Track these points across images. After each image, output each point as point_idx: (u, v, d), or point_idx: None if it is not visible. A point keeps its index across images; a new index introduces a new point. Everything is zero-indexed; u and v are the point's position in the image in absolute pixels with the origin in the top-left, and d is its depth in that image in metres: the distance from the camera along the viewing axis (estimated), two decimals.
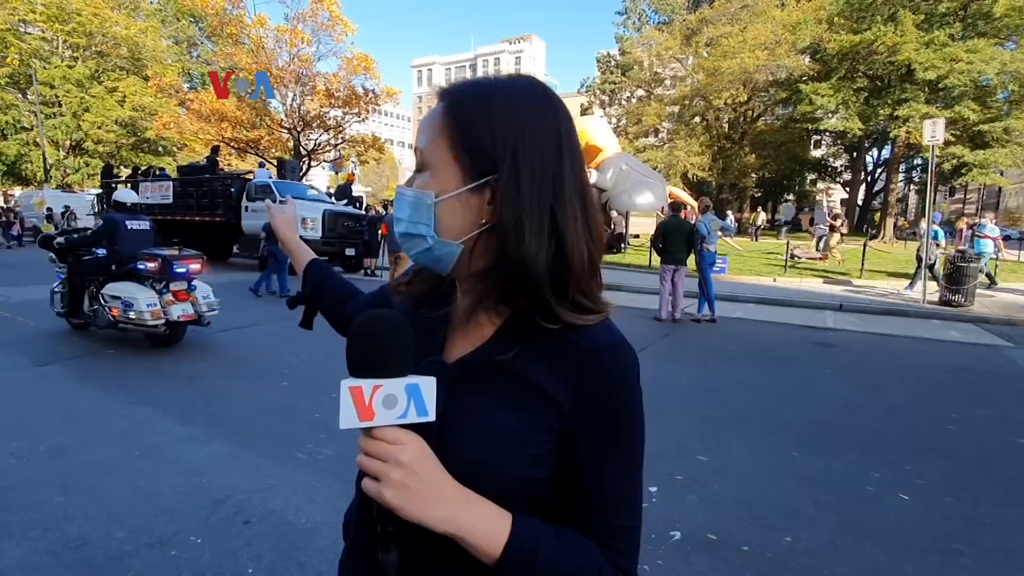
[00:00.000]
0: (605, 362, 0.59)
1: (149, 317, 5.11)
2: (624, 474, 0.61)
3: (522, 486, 0.59)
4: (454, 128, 0.59)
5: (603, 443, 0.59)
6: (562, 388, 0.58)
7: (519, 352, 0.59)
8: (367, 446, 0.52)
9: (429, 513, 0.51)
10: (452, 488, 0.54)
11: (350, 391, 0.50)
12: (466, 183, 0.59)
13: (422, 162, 0.62)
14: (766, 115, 35.06)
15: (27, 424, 3.57)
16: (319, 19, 23.85)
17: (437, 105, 0.62)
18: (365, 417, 0.50)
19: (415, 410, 0.52)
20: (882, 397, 4.66)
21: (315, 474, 2.97)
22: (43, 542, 2.32)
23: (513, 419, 0.58)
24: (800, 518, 2.59)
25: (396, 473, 0.51)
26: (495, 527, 0.54)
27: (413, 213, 0.61)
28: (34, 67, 30.96)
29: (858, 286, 11.34)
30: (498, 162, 0.57)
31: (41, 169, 31.65)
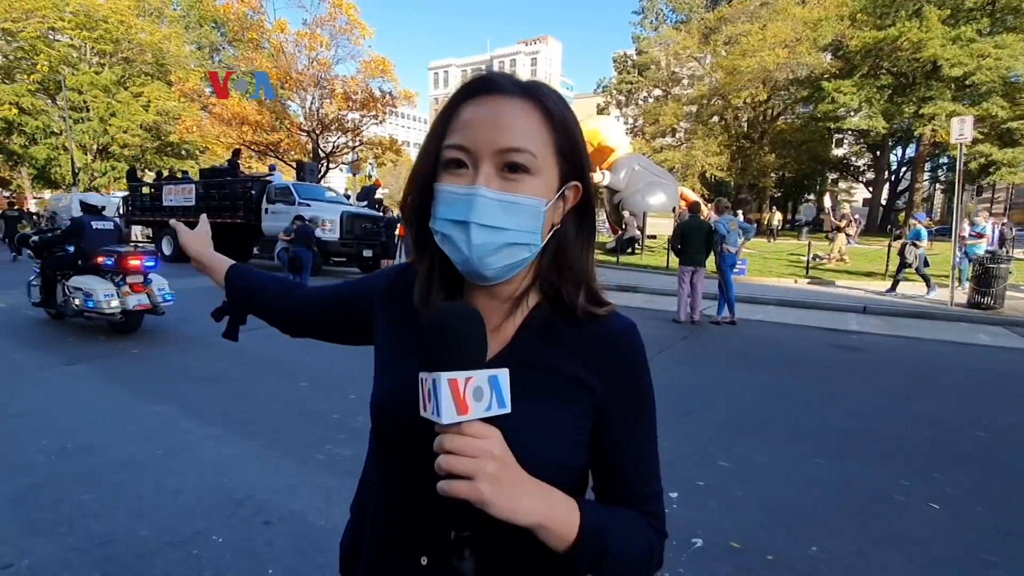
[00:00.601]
0: (625, 346, 0.64)
1: (106, 307, 5.66)
2: (650, 445, 0.66)
3: (569, 473, 0.61)
4: (555, 132, 0.59)
5: (632, 421, 0.65)
6: (593, 375, 0.62)
7: (546, 347, 0.63)
8: (454, 443, 0.49)
9: (518, 505, 0.51)
10: (531, 480, 0.54)
11: (449, 384, 0.48)
12: (559, 188, 0.61)
13: (529, 166, 0.57)
14: (786, 114, 34.55)
15: (56, 422, 3.66)
16: (337, 23, 24.14)
17: (519, 100, 0.58)
18: (462, 411, 0.49)
19: (496, 402, 0.51)
20: (909, 403, 4.54)
21: (334, 475, 2.98)
22: (70, 539, 2.37)
23: (555, 410, 0.61)
24: (826, 527, 2.53)
25: (491, 466, 0.49)
26: (569, 512, 0.56)
27: (523, 222, 0.58)
28: (63, 74, 31.87)
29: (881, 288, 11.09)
30: (584, 166, 0.62)
31: (70, 173, 32.51)
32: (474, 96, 0.59)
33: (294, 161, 22.70)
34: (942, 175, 36.48)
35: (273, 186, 13.33)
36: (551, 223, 0.62)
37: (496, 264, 0.58)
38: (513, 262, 0.59)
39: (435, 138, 0.61)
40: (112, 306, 5.68)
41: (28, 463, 3.06)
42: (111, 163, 34.99)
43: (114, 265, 5.87)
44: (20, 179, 36.66)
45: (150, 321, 7.09)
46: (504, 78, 0.60)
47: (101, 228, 6.22)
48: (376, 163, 28.29)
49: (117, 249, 5.98)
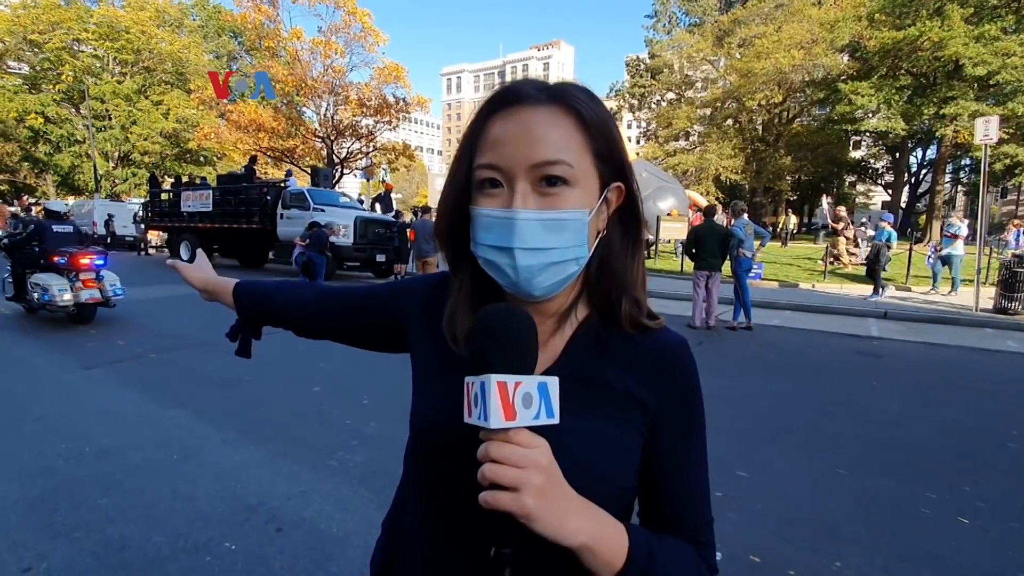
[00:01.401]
0: (678, 362, 0.62)
1: (59, 300, 6.33)
2: (700, 469, 0.63)
3: (620, 495, 0.58)
4: (591, 137, 0.56)
5: (683, 441, 0.61)
6: (645, 391, 0.60)
7: (596, 361, 0.60)
8: (501, 451, 0.46)
9: (565, 524, 0.47)
10: (578, 497, 0.50)
11: (497, 386, 0.45)
12: (600, 194, 0.58)
13: (568, 177, 0.54)
14: (802, 116, 34.12)
15: (75, 426, 3.70)
16: (352, 30, 24.42)
17: (549, 108, 0.55)
18: (509, 416, 0.46)
19: (545, 411, 0.48)
20: (934, 411, 4.41)
21: (346, 482, 2.97)
22: (86, 543, 2.38)
23: (607, 426, 0.58)
24: (850, 541, 2.45)
25: (538, 479, 0.46)
26: (618, 536, 0.52)
27: (569, 238, 0.55)
28: (86, 83, 32.68)
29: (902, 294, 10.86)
30: (625, 165, 0.59)
31: (92, 180, 33.27)
32: (501, 109, 0.56)
33: (309, 167, 22.98)
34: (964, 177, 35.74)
35: (288, 192, 13.47)
36: (596, 231, 0.59)
37: (545, 283, 0.56)
38: (562, 278, 0.57)
39: (464, 158, 0.58)
40: (65, 299, 6.37)
41: (47, 467, 3.09)
42: (132, 170, 35.76)
43: (66, 263, 6.57)
44: (45, 186, 37.60)
45: (167, 326, 7.19)
46: (530, 85, 0.56)
47: (61, 231, 6.95)
48: (390, 168, 28.52)
49: (70, 249, 6.66)
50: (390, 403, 4.16)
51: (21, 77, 33.71)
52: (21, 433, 3.57)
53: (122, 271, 15.20)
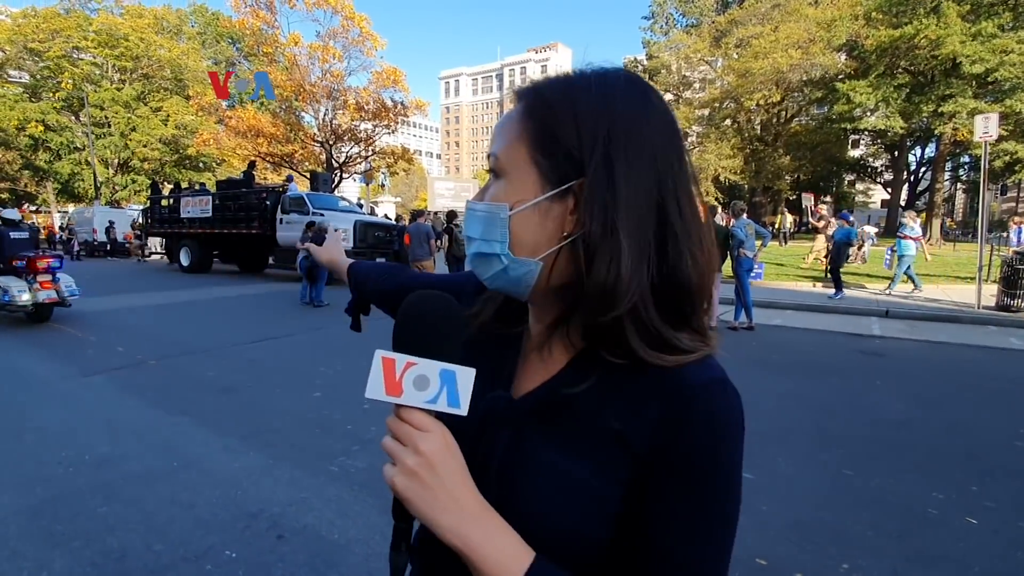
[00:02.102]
0: (696, 405, 0.48)
1: (19, 300, 6.84)
2: (695, 547, 0.47)
3: (584, 545, 0.50)
4: (533, 126, 0.51)
5: (671, 499, 0.48)
6: (639, 431, 0.49)
7: (594, 387, 0.51)
8: (392, 425, 0.48)
9: (438, 516, 0.45)
10: (472, 500, 0.47)
11: (382, 360, 0.47)
12: (545, 190, 0.51)
13: (496, 168, 0.54)
14: (800, 115, 34.18)
15: (75, 434, 3.68)
16: (350, 35, 24.49)
17: (515, 105, 0.55)
18: (392, 392, 0.47)
19: (446, 398, 0.47)
20: (940, 411, 4.38)
21: (348, 488, 2.95)
22: (86, 552, 2.36)
23: (584, 469, 0.50)
24: (858, 543, 2.42)
25: (411, 460, 0.46)
26: (511, 560, 0.45)
27: (486, 230, 0.53)
28: (86, 91, 32.73)
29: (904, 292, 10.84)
30: (584, 162, 0.49)
31: (92, 187, 33.29)
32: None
33: (308, 171, 23.00)
34: (963, 174, 35.77)
35: (287, 196, 13.46)
36: (557, 231, 0.51)
37: (483, 275, 0.55)
38: (493, 272, 0.54)
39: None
40: (24, 299, 6.88)
41: (47, 476, 3.07)
42: (131, 176, 35.81)
43: (24, 266, 7.11)
44: (45, 193, 37.64)
45: (167, 332, 7.17)
46: (523, 86, 0.55)
47: (18, 237, 7.55)
48: (389, 172, 28.55)
49: (28, 253, 7.24)
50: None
51: (22, 86, 33.80)
52: (20, 441, 3.55)
53: (120, 277, 15.19)
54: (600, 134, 0.49)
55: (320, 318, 8.35)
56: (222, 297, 10.75)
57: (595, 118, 0.49)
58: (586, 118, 0.49)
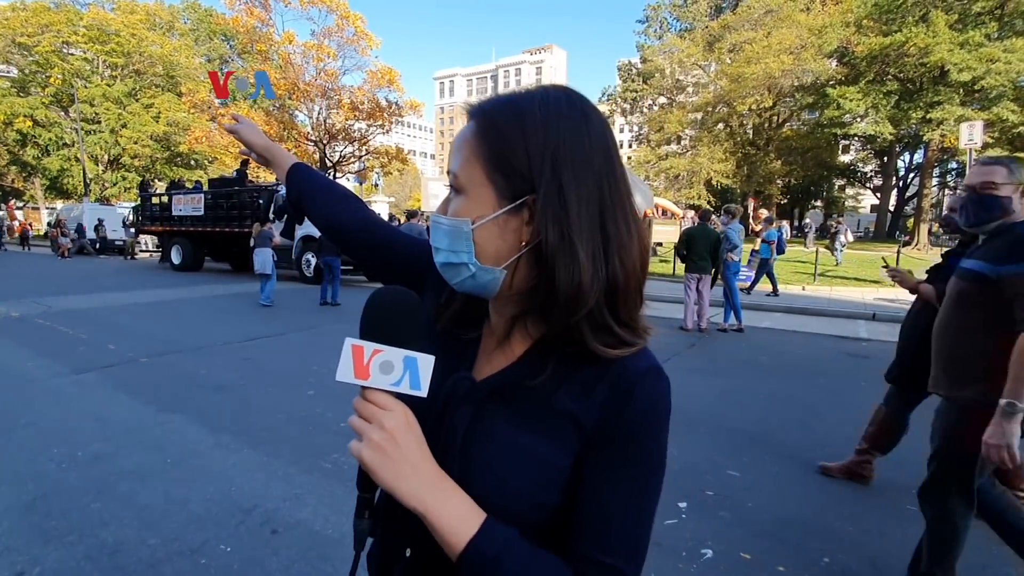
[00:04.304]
0: (636, 388, 0.56)
1: None
2: (626, 507, 0.55)
3: (539, 512, 0.57)
4: (485, 147, 0.56)
5: (610, 467, 0.55)
6: (588, 412, 0.56)
7: (548, 373, 0.57)
8: (358, 406, 0.54)
9: (400, 483, 0.52)
10: (429, 469, 0.54)
11: (352, 348, 0.53)
12: (502, 205, 0.55)
13: (456, 186, 0.58)
14: (792, 120, 34.52)
15: (67, 431, 3.68)
16: (344, 34, 24.45)
17: (467, 124, 0.59)
18: (360, 375, 0.52)
19: (408, 382, 0.53)
20: (922, 411, 4.47)
21: (341, 484, 2.98)
22: (80, 547, 2.38)
23: (539, 443, 0.57)
24: (839, 539, 2.50)
25: (376, 435, 0.52)
26: (464, 522, 0.52)
27: (452, 242, 0.58)
28: (76, 86, 32.41)
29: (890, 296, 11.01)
30: (535, 179, 0.54)
31: (81, 183, 32.96)
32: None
33: None
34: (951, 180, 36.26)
35: (280, 195, 13.41)
36: (516, 240, 0.56)
37: (452, 280, 0.60)
38: (462, 279, 0.59)
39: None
40: None
41: (39, 472, 3.08)
42: (122, 173, 35.51)
43: None
44: (33, 189, 37.22)
45: (158, 330, 7.15)
46: (471, 106, 0.60)
47: None
48: (383, 172, 28.52)
49: None
50: None
51: (9, 80, 33.41)
52: (12, 438, 3.55)
53: (110, 275, 15.07)
54: (547, 153, 0.54)
55: (312, 317, 8.36)
56: (214, 296, 10.71)
57: (542, 139, 0.54)
58: (533, 139, 0.54)
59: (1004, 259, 1.80)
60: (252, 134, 1.04)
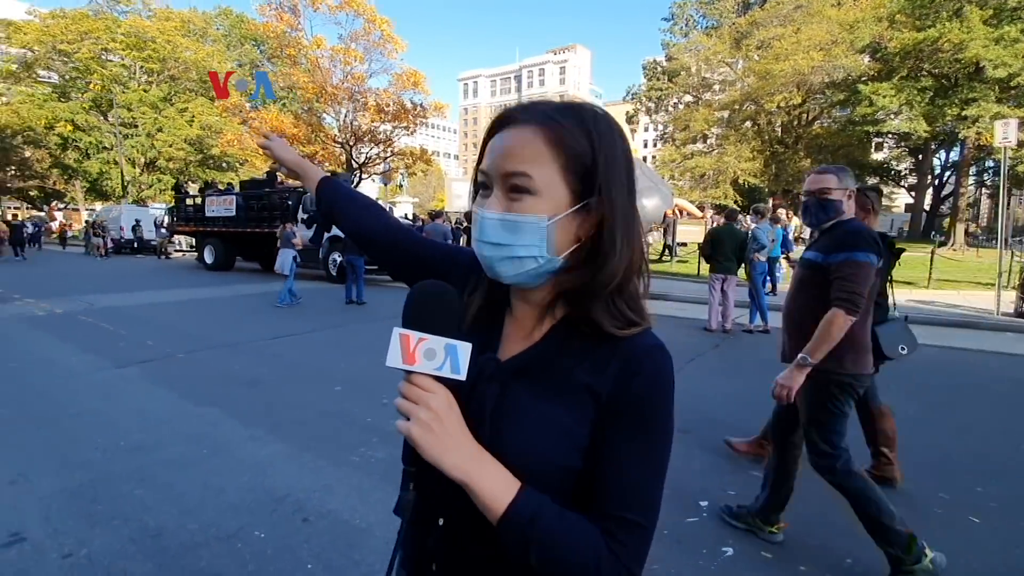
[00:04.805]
0: (644, 363, 0.64)
1: None
2: (641, 470, 0.63)
3: (564, 475, 0.64)
4: (561, 152, 0.62)
5: (625, 435, 0.63)
6: (603, 384, 0.64)
7: (567, 352, 0.66)
8: (405, 389, 0.59)
9: (446, 457, 0.58)
10: (470, 444, 0.60)
11: (400, 336, 0.58)
12: (571, 204, 0.63)
13: (526, 186, 0.62)
14: (822, 118, 33.74)
15: (110, 422, 3.87)
16: (371, 38, 24.79)
17: (528, 128, 0.63)
18: (408, 361, 0.59)
19: (450, 367, 0.59)
20: (950, 414, 4.39)
21: (368, 477, 3.08)
22: (125, 530, 2.52)
23: (561, 414, 0.64)
24: (861, 538, 2.47)
25: (424, 414, 0.58)
26: (503, 488, 0.59)
27: (522, 237, 0.63)
28: (114, 92, 33.55)
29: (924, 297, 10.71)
30: (602, 184, 0.63)
31: (119, 185, 34.12)
32: (500, 128, 0.66)
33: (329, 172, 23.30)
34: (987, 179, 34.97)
35: (308, 197, 13.68)
36: (574, 236, 0.65)
37: (508, 273, 0.65)
38: (523, 271, 0.65)
39: (477, 165, 0.69)
40: None
41: (85, 460, 3.25)
42: (157, 176, 36.65)
43: None
44: (74, 191, 38.69)
45: (193, 327, 7.41)
46: (521, 110, 0.66)
47: None
48: (407, 173, 28.85)
49: None
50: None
51: (51, 86, 34.80)
52: (60, 427, 3.75)
53: (147, 274, 15.59)
54: (607, 161, 0.64)
55: (338, 316, 8.55)
56: (244, 294, 11.02)
57: (604, 149, 0.64)
58: (599, 151, 0.63)
59: (833, 250, 2.18)
60: (283, 150, 1.10)
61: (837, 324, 2.10)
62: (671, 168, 36.08)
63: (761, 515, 2.56)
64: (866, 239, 2.15)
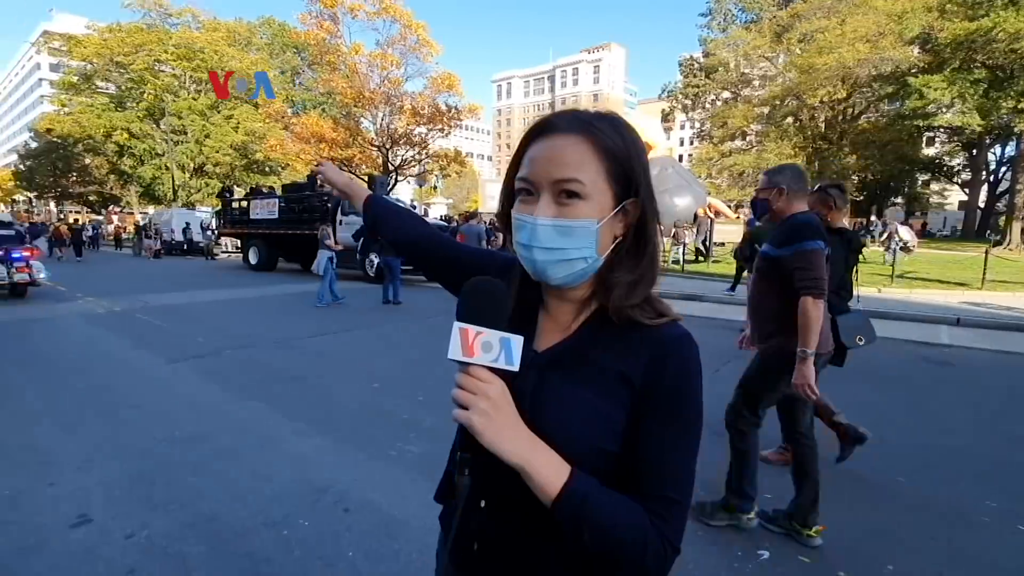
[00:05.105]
0: (672, 350, 0.70)
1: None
2: (677, 451, 0.68)
3: (599, 457, 0.68)
4: (608, 161, 0.68)
5: (662, 419, 0.68)
6: (636, 372, 0.69)
7: (600, 343, 0.71)
8: (463, 380, 0.63)
9: (503, 444, 0.61)
10: (525, 431, 0.64)
11: (460, 331, 0.62)
12: (615, 206, 0.69)
13: (577, 191, 0.67)
14: (869, 112, 32.44)
15: (166, 413, 4.11)
16: (408, 42, 25.22)
17: (572, 136, 0.68)
18: (468, 354, 0.62)
19: (504, 359, 0.62)
20: (1005, 422, 4.19)
21: (405, 471, 3.18)
22: (181, 515, 2.68)
23: (596, 400, 0.69)
24: (903, 546, 2.43)
25: (483, 403, 0.61)
26: (556, 472, 0.63)
27: (574, 240, 0.67)
28: (166, 101, 35.16)
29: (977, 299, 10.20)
30: (639, 187, 0.70)
31: (170, 190, 35.73)
32: (539, 136, 0.70)
33: (366, 175, 23.89)
34: None
35: (346, 202, 14.07)
36: (612, 236, 0.71)
37: (559, 275, 0.70)
38: (573, 272, 0.70)
39: (511, 172, 0.74)
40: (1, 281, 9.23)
41: (144, 449, 3.47)
42: (205, 180, 38.22)
43: (3, 255, 9.31)
44: (129, 196, 40.77)
45: (240, 325, 7.74)
46: (561, 118, 0.70)
47: (5, 234, 10.05)
48: (442, 175, 29.22)
49: (7, 246, 9.43)
50: (445, 401, 4.34)
51: (108, 96, 36.78)
52: (120, 418, 4.01)
53: (195, 274, 16.28)
54: (642, 166, 0.70)
55: (375, 316, 8.76)
56: (286, 293, 11.41)
57: (638, 157, 0.70)
58: (636, 158, 0.70)
59: (783, 244, 2.39)
60: (334, 173, 1.21)
61: (811, 309, 2.27)
62: (708, 166, 35.35)
63: (798, 517, 2.53)
64: (810, 229, 2.36)
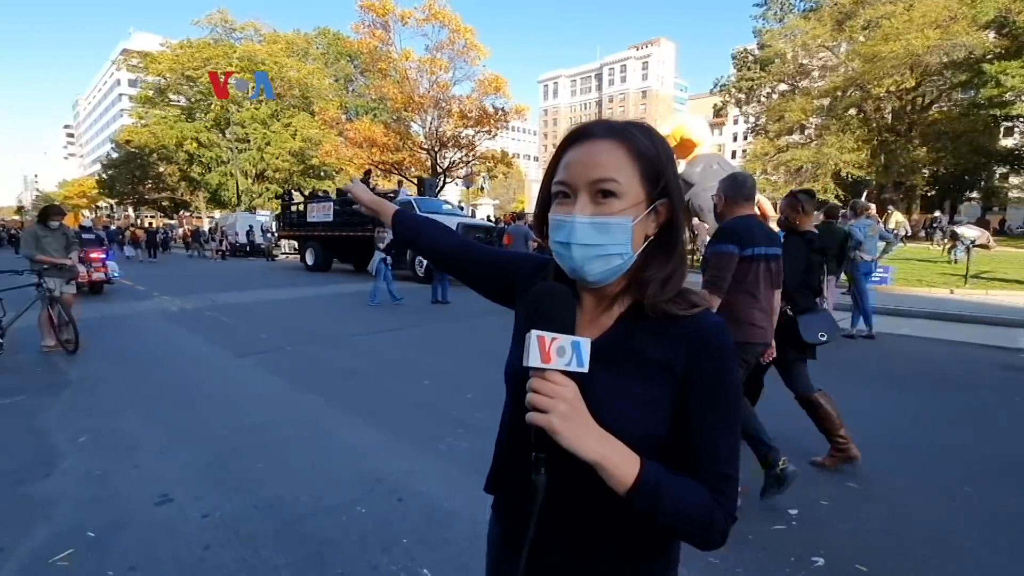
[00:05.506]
0: (708, 338, 0.74)
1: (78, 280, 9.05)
2: (724, 431, 0.74)
3: (648, 442, 0.72)
4: (642, 164, 0.73)
5: (709, 403, 0.73)
6: (676, 360, 0.73)
7: (638, 336, 0.76)
8: (539, 385, 0.65)
9: (583, 443, 0.65)
10: (597, 428, 0.68)
11: (538, 339, 0.64)
12: (648, 206, 0.74)
13: (615, 190, 0.71)
14: (940, 102, 30.35)
15: (233, 405, 4.39)
16: (456, 47, 25.62)
17: (608, 141, 0.73)
18: (546, 360, 0.64)
19: (576, 362, 0.65)
20: None
21: (455, 466, 3.28)
22: (248, 498, 2.88)
23: (641, 388, 0.74)
24: (969, 558, 2.31)
25: (562, 406, 0.64)
26: (630, 463, 0.67)
27: (613, 237, 0.72)
28: (231, 111, 37.19)
29: None
30: (670, 190, 0.75)
31: (235, 195, 37.78)
32: (575, 143, 0.76)
33: (415, 177, 24.47)
34: None
35: (397, 201, 14.52)
36: (644, 235, 0.75)
37: (596, 271, 0.74)
38: (610, 268, 0.74)
39: (549, 176, 0.79)
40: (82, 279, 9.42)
41: (215, 435, 3.73)
42: (265, 185, 40.20)
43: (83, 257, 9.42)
44: (197, 201, 43.42)
45: (299, 322, 8.12)
46: (597, 126, 0.75)
47: (87, 237, 10.89)
48: (489, 176, 29.51)
49: (85, 248, 9.68)
50: (493, 399, 4.44)
51: (179, 108, 39.32)
52: (194, 408, 4.32)
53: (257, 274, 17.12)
54: (672, 168, 0.75)
55: (425, 315, 8.99)
56: (341, 293, 11.87)
57: (668, 162, 0.75)
58: (667, 163, 0.75)
59: (711, 244, 2.67)
60: (361, 191, 1.26)
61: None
62: (763, 162, 34.02)
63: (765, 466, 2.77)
64: (727, 234, 2.62)
